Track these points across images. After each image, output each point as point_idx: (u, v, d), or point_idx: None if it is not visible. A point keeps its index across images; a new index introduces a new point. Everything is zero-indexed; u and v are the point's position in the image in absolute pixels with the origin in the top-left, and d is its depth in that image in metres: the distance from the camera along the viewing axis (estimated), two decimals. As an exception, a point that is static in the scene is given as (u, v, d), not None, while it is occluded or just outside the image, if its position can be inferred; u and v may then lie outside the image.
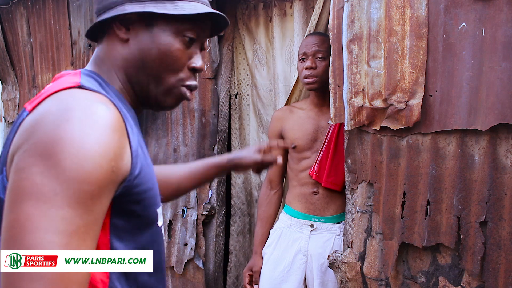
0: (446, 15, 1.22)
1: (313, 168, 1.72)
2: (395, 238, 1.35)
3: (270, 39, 2.19)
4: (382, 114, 1.35)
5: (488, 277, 1.17)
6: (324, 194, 1.72)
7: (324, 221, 1.72)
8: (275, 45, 2.14)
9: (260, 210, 1.92)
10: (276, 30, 2.13)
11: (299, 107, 1.86)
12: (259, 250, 1.87)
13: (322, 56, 1.70)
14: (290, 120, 1.83)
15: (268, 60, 2.23)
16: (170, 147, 2.52)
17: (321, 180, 1.70)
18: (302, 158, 1.78)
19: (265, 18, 2.19)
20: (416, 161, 1.31)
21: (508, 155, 1.14)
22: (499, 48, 1.12)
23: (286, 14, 2.11)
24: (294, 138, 1.78)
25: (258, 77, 2.28)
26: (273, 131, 1.88)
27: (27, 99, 4.30)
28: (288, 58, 2.13)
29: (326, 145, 1.72)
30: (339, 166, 1.69)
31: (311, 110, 1.81)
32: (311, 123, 1.78)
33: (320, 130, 1.77)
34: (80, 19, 3.32)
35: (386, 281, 1.39)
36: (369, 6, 1.36)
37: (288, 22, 2.10)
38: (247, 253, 2.39)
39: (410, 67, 1.27)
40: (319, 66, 1.70)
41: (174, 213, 2.43)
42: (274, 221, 1.91)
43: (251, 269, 1.86)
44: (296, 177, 1.80)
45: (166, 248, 2.45)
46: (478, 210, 1.18)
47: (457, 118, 1.20)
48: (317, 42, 1.71)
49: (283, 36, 2.13)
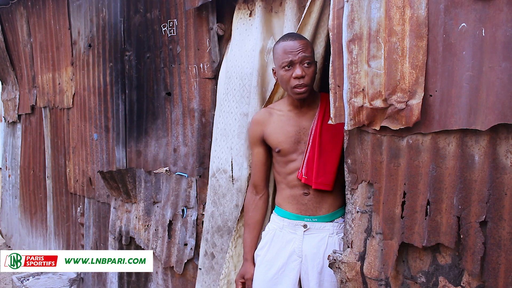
0: (446, 15, 1.22)
1: (301, 171, 1.70)
2: (395, 238, 1.35)
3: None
4: (382, 114, 1.35)
5: (488, 277, 1.17)
6: (315, 194, 1.71)
7: (317, 221, 1.71)
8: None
9: (247, 216, 1.89)
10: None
11: (277, 109, 1.81)
12: (250, 257, 1.85)
13: (309, 61, 1.65)
14: (271, 123, 1.78)
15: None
16: (170, 147, 2.52)
17: (311, 182, 1.68)
18: (288, 161, 1.75)
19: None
20: (416, 161, 1.31)
21: (508, 155, 1.14)
22: (499, 48, 1.12)
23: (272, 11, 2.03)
24: (277, 142, 1.75)
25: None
26: (253, 135, 1.84)
27: (27, 99, 4.31)
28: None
29: (311, 147, 1.70)
30: (327, 166, 1.67)
31: (291, 111, 1.78)
32: (293, 125, 1.75)
33: (302, 132, 1.74)
34: (80, 19, 3.32)
35: (386, 281, 1.39)
36: (369, 6, 1.36)
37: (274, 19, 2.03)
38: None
39: (410, 67, 1.27)
40: (308, 73, 1.66)
41: (174, 213, 2.43)
42: (262, 226, 1.89)
43: (243, 276, 1.84)
44: (285, 180, 1.77)
45: (166, 248, 2.45)
46: (478, 210, 1.18)
47: (457, 118, 1.20)
48: (302, 47, 1.64)
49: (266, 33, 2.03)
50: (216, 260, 2.10)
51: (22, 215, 4.67)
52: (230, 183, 2.04)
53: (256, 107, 1.96)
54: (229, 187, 2.05)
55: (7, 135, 5.11)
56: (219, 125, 2.12)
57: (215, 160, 2.12)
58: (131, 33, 2.74)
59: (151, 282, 2.68)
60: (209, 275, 2.12)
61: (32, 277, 3.48)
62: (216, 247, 2.09)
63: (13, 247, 4.84)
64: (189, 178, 2.37)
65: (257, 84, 1.96)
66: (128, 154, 2.85)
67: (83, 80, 3.30)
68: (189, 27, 2.32)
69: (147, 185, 2.59)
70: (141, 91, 2.70)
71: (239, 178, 2.02)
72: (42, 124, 4.04)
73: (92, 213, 3.30)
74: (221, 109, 2.11)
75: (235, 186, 2.03)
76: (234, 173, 2.03)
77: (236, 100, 2.05)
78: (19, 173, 4.70)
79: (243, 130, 2.02)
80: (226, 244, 2.06)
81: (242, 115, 2.03)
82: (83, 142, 3.36)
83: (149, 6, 2.58)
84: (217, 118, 2.15)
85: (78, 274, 3.45)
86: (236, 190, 2.03)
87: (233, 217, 2.04)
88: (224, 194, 2.07)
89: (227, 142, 2.07)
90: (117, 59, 2.88)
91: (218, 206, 2.09)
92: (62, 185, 3.77)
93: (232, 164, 2.04)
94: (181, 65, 2.40)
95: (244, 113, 2.02)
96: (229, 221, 2.05)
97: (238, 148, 2.03)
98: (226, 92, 2.09)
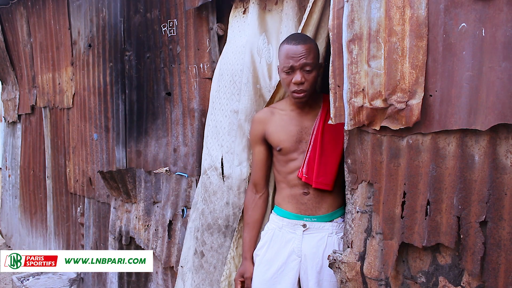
0: (446, 15, 1.22)
1: (301, 170, 1.71)
2: (395, 238, 1.35)
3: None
4: (382, 114, 1.35)
5: (488, 277, 1.17)
6: (315, 194, 1.71)
7: (317, 220, 1.72)
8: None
9: (247, 215, 1.89)
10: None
11: (280, 108, 1.81)
12: (249, 256, 1.85)
13: (310, 68, 1.65)
14: (273, 122, 1.79)
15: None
16: (170, 147, 2.52)
17: (311, 181, 1.68)
18: (289, 160, 1.75)
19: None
20: (416, 161, 1.31)
21: (508, 155, 1.14)
22: (499, 48, 1.12)
23: (265, 9, 2.01)
24: (279, 140, 1.76)
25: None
26: (255, 134, 1.84)
27: (27, 99, 4.31)
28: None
29: (312, 146, 1.70)
30: (327, 166, 1.68)
31: (293, 111, 1.78)
32: (295, 124, 1.76)
33: (304, 131, 1.74)
34: (80, 19, 3.32)
35: (386, 281, 1.39)
36: (369, 6, 1.36)
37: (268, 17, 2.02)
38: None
39: (410, 67, 1.27)
40: (307, 80, 1.66)
41: (174, 213, 2.43)
42: (261, 225, 1.88)
43: (242, 275, 1.84)
44: (285, 179, 1.77)
45: (166, 248, 2.45)
46: (478, 210, 1.18)
47: (457, 118, 1.20)
48: (304, 53, 1.64)
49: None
50: (205, 259, 2.08)
51: (22, 215, 4.67)
52: (221, 180, 2.04)
53: (247, 104, 1.95)
54: (220, 185, 2.04)
55: (7, 135, 5.11)
56: (210, 123, 2.11)
57: (206, 158, 2.11)
58: (131, 33, 2.74)
59: (151, 282, 2.68)
60: (198, 274, 2.11)
61: (32, 277, 3.48)
62: (206, 245, 2.08)
63: (13, 247, 4.84)
64: (189, 178, 2.37)
65: (247, 81, 1.95)
66: (128, 154, 2.85)
67: (83, 80, 3.30)
68: (189, 27, 2.32)
69: (147, 185, 2.59)
70: (141, 91, 2.70)
71: (230, 176, 2.01)
72: (42, 124, 4.04)
73: (92, 213, 3.31)
74: (213, 107, 2.10)
75: (226, 184, 2.02)
76: (225, 170, 2.02)
77: (227, 97, 2.04)
78: (19, 173, 4.70)
79: (233, 127, 2.01)
80: (216, 242, 2.05)
81: (233, 112, 2.02)
82: (83, 142, 3.36)
83: (149, 6, 2.58)
84: (209, 115, 2.14)
85: (78, 274, 3.45)
86: (226, 187, 2.02)
87: (224, 215, 2.02)
88: (215, 191, 2.06)
89: (218, 140, 2.06)
90: (117, 59, 2.88)
91: (209, 203, 2.08)
92: (62, 185, 3.77)
93: (223, 162, 2.03)
94: (181, 65, 2.40)
95: (235, 110, 2.01)
96: (219, 219, 2.04)
97: (229, 146, 2.02)
98: (218, 89, 2.08)
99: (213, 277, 2.06)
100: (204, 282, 2.08)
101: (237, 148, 1.99)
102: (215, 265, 2.05)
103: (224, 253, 2.04)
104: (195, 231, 2.15)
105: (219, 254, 2.05)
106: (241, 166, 1.98)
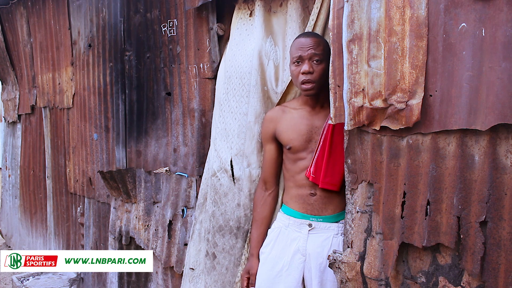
0: (446, 15, 1.22)
1: (309, 170, 1.71)
2: (395, 238, 1.35)
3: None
4: (382, 114, 1.35)
5: (488, 277, 1.17)
6: (322, 195, 1.72)
7: (322, 221, 1.72)
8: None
9: (255, 212, 1.90)
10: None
11: (291, 107, 1.83)
12: (256, 252, 1.86)
13: (318, 59, 1.66)
14: (283, 121, 1.80)
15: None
16: (170, 147, 2.52)
17: (318, 181, 1.69)
18: (298, 159, 1.76)
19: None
20: (416, 161, 1.31)
21: (508, 155, 1.14)
22: (499, 48, 1.12)
23: (270, 11, 2.03)
24: (289, 139, 1.77)
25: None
26: (266, 132, 1.86)
27: (27, 99, 4.31)
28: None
29: (321, 146, 1.71)
30: (335, 166, 1.68)
31: (304, 110, 1.79)
32: (305, 124, 1.76)
33: (314, 130, 1.75)
34: (80, 19, 3.32)
35: (386, 281, 1.39)
36: (369, 6, 1.36)
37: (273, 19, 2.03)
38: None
39: (410, 67, 1.27)
40: (316, 70, 1.67)
41: (174, 213, 2.43)
42: (270, 222, 1.89)
43: (248, 271, 1.85)
44: (293, 179, 1.78)
45: (166, 248, 2.45)
46: (478, 210, 1.18)
47: (457, 118, 1.20)
48: (313, 44, 1.66)
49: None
50: (217, 260, 2.09)
51: (22, 215, 4.67)
52: (232, 182, 2.05)
53: (256, 106, 1.96)
54: (231, 187, 2.05)
55: (7, 135, 5.11)
56: (219, 125, 2.12)
57: (216, 160, 2.12)
58: (131, 33, 2.74)
59: (151, 282, 2.68)
60: (210, 275, 2.12)
61: (32, 277, 3.48)
62: (218, 247, 2.09)
63: (13, 247, 4.84)
64: (189, 178, 2.37)
65: (256, 83, 1.97)
66: (128, 154, 2.85)
67: (83, 80, 3.30)
68: (189, 27, 2.32)
69: (147, 185, 2.59)
70: (141, 91, 2.70)
71: (240, 178, 2.02)
72: (42, 124, 4.04)
73: (92, 213, 3.31)
74: (221, 109, 2.11)
75: (237, 186, 2.04)
76: (235, 172, 2.03)
77: (236, 100, 2.06)
78: (19, 173, 4.70)
79: (242, 129, 2.02)
80: (228, 244, 2.06)
81: (242, 115, 2.03)
82: (83, 142, 3.36)
83: (149, 6, 2.58)
84: (216, 118, 2.15)
85: (78, 274, 3.45)
86: (237, 189, 2.04)
87: (235, 216, 2.03)
88: (226, 193, 2.07)
89: (227, 142, 2.07)
90: (117, 59, 2.88)
91: (220, 205, 2.09)
92: (62, 185, 3.77)
93: (232, 164, 2.04)
94: (181, 65, 2.40)
95: (244, 113, 2.02)
96: (231, 220, 2.05)
97: (238, 148, 2.03)
98: (226, 92, 2.09)
99: (225, 279, 2.06)
100: (217, 283, 2.09)
101: (247, 150, 2.01)
102: (227, 267, 2.06)
103: (236, 255, 2.05)
104: (206, 233, 2.16)
105: (231, 255, 2.05)
106: (250, 168, 2.00)
